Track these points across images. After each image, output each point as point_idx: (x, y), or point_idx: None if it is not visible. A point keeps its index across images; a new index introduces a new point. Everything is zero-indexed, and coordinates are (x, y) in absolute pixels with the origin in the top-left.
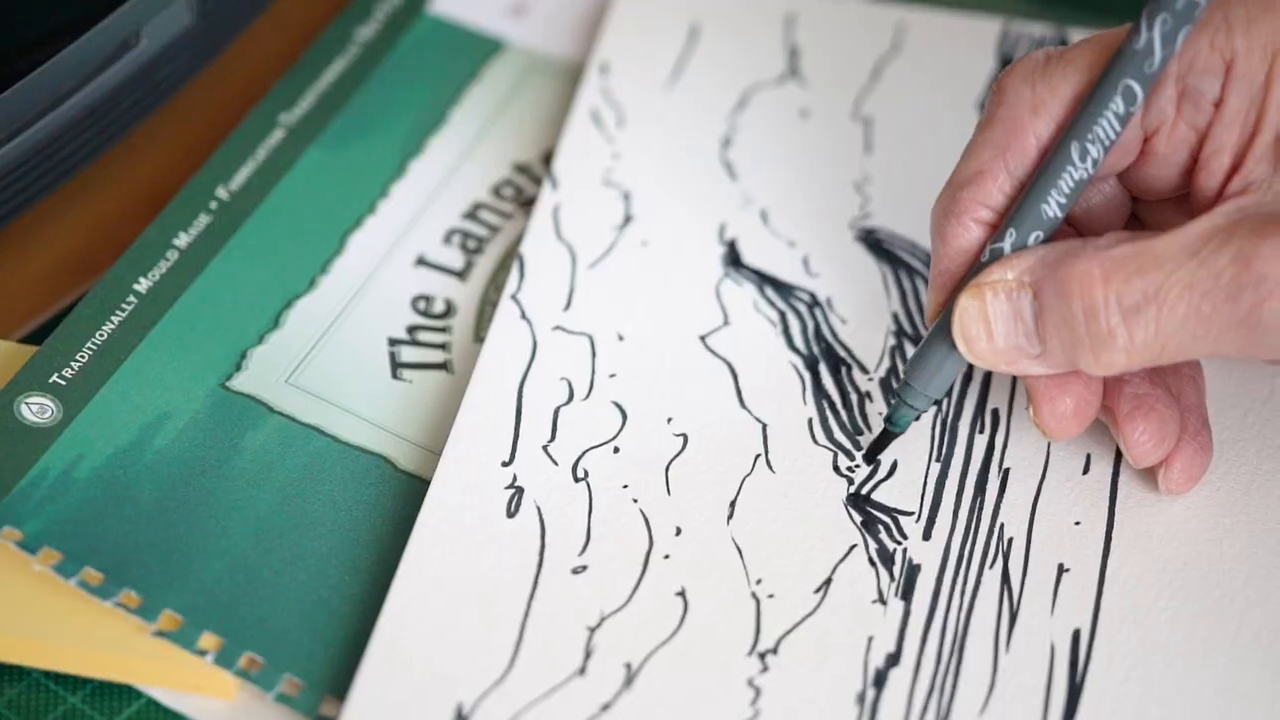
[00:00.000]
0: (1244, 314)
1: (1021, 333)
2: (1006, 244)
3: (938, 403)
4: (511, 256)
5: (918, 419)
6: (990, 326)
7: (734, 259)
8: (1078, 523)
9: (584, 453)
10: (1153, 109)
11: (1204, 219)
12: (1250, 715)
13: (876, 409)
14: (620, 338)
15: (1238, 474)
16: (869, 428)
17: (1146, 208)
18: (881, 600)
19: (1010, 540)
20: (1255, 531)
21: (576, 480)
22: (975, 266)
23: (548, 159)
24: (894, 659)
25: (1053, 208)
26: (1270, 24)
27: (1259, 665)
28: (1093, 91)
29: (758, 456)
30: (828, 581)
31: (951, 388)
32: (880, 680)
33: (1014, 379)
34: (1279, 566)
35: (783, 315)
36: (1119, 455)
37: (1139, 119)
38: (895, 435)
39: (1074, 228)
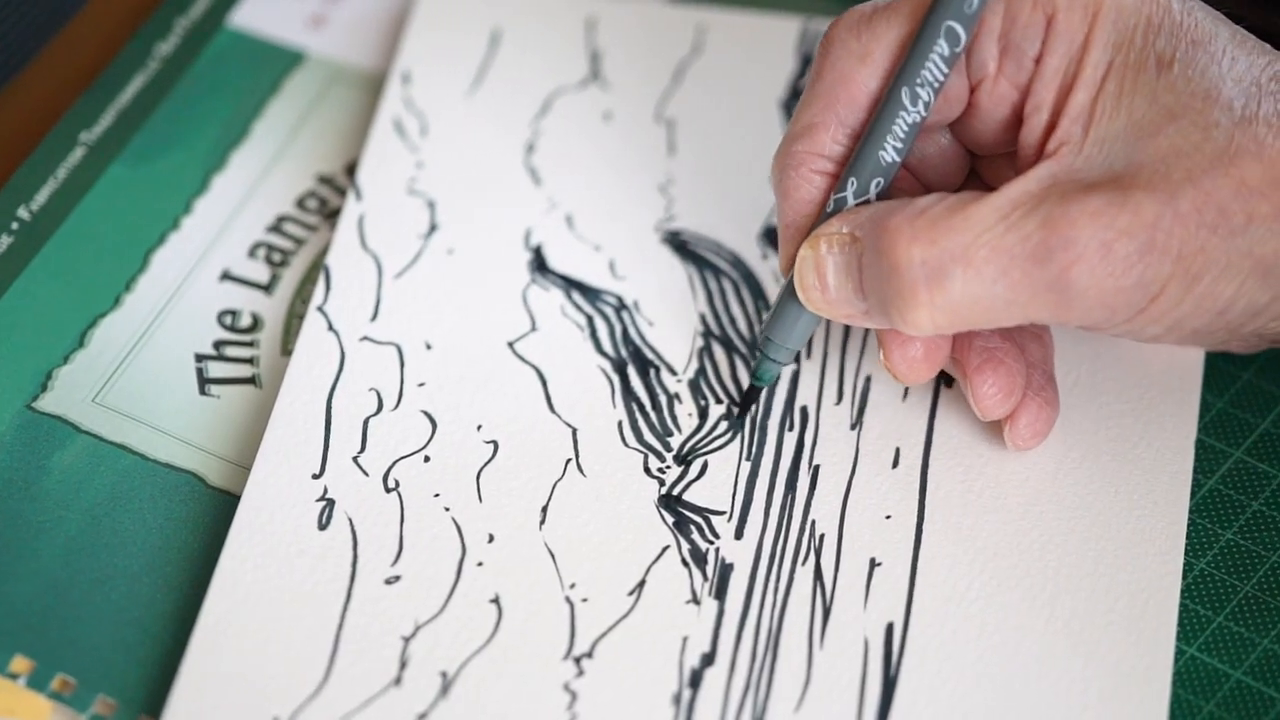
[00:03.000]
0: (1052, 278)
1: (851, 286)
2: (849, 193)
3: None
4: (317, 268)
5: (780, 373)
6: (824, 277)
7: (540, 264)
8: (888, 517)
9: (394, 462)
10: (975, 62)
11: (1017, 183)
12: (1064, 701)
13: (686, 410)
14: (428, 346)
15: (1044, 463)
16: (679, 429)
17: (984, 163)
18: (695, 600)
19: (822, 536)
20: (1063, 519)
21: (388, 490)
22: (821, 217)
23: (351, 170)
24: (709, 658)
25: (889, 153)
26: None
27: (1071, 651)
28: (917, 36)
29: (568, 461)
30: (641, 583)
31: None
32: (696, 680)
33: (821, 377)
34: (1088, 553)
35: (590, 319)
36: (928, 449)
37: (964, 69)
38: (760, 390)
39: (918, 180)
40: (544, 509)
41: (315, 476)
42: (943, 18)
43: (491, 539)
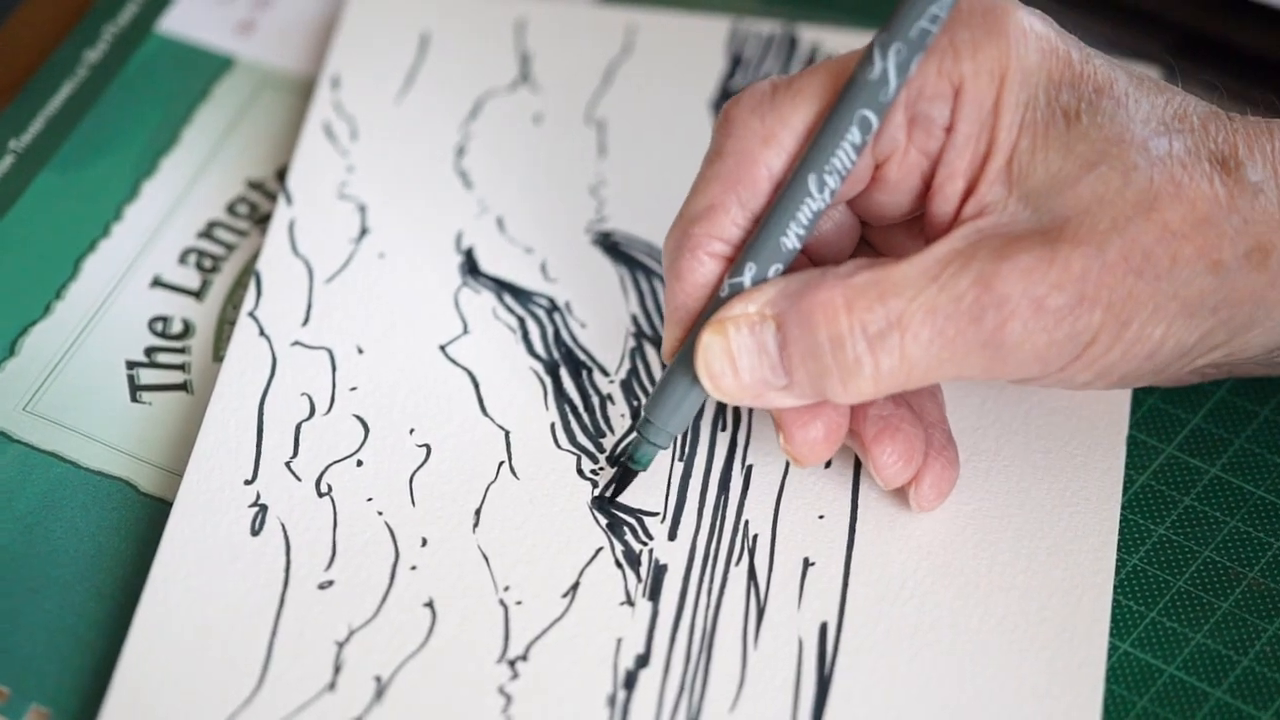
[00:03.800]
0: (987, 335)
1: (767, 365)
2: (746, 278)
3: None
4: (248, 274)
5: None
6: (735, 362)
7: (471, 267)
8: (821, 516)
9: (327, 467)
10: (884, 137)
11: (943, 243)
12: (999, 697)
13: (618, 411)
14: (360, 350)
15: (976, 462)
16: (611, 430)
17: (876, 232)
18: (629, 602)
19: (755, 537)
20: (996, 517)
21: (320, 495)
22: (714, 301)
23: (282, 175)
24: (643, 660)
25: (791, 240)
26: (996, 47)
27: (1005, 649)
28: (827, 122)
29: (501, 464)
30: (575, 585)
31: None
32: (630, 681)
33: None
34: (1021, 551)
35: (522, 321)
36: None
37: (871, 147)
38: (637, 473)
39: (806, 255)
40: (477, 512)
41: (247, 482)
42: (856, 106)
43: (425, 543)
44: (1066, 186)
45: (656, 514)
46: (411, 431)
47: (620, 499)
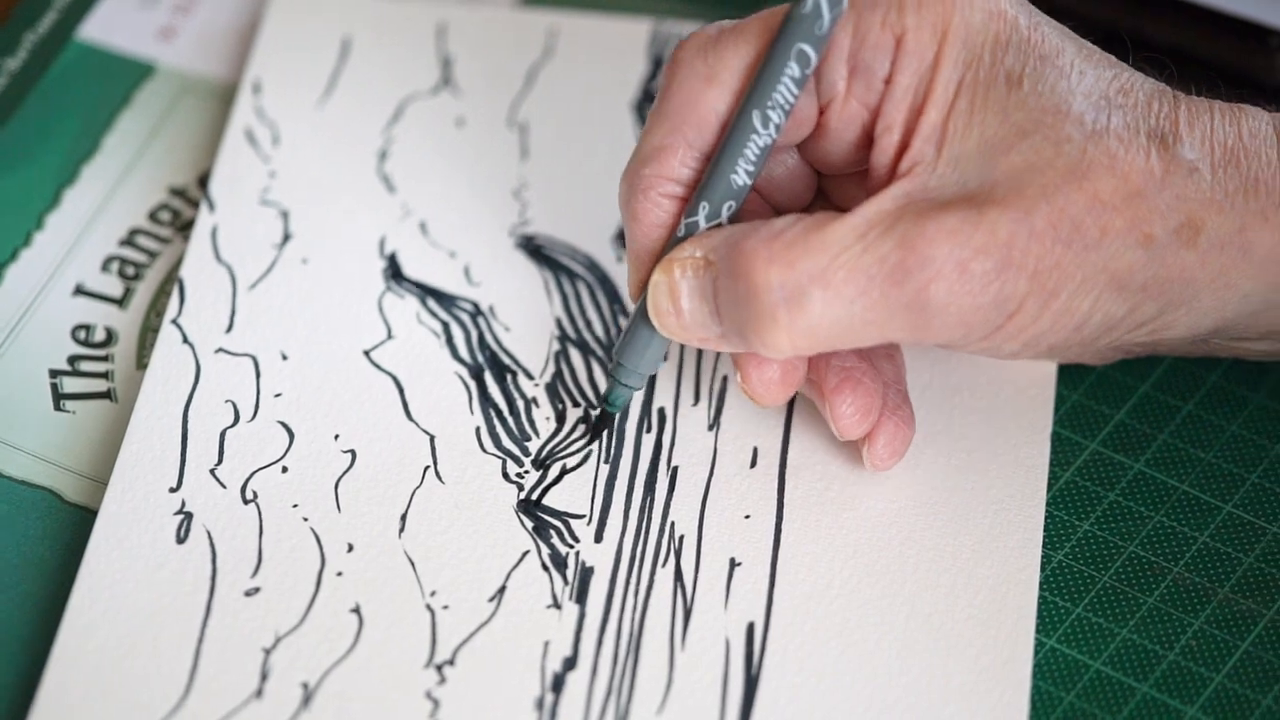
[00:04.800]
0: (910, 297)
1: (706, 310)
2: (700, 217)
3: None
4: (171, 281)
5: (631, 397)
6: (678, 302)
7: (395, 272)
8: (748, 516)
9: (252, 474)
10: (824, 83)
11: (872, 203)
12: (926, 695)
13: (543, 414)
14: (284, 357)
15: (902, 461)
16: (536, 434)
17: (832, 182)
18: (556, 605)
19: (681, 538)
20: (922, 514)
21: (246, 502)
22: (672, 240)
23: (204, 181)
24: (571, 662)
25: (741, 176)
26: (940, 4)
27: (932, 646)
28: (766, 58)
29: (426, 468)
30: (501, 589)
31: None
32: (558, 684)
33: (678, 379)
34: (946, 548)
35: (446, 326)
36: (785, 448)
37: (813, 90)
38: (613, 416)
39: (765, 201)
40: (403, 517)
41: (172, 490)
42: (793, 40)
43: (351, 548)
44: (999, 152)
45: (582, 516)
46: (336, 437)
47: (546, 501)
